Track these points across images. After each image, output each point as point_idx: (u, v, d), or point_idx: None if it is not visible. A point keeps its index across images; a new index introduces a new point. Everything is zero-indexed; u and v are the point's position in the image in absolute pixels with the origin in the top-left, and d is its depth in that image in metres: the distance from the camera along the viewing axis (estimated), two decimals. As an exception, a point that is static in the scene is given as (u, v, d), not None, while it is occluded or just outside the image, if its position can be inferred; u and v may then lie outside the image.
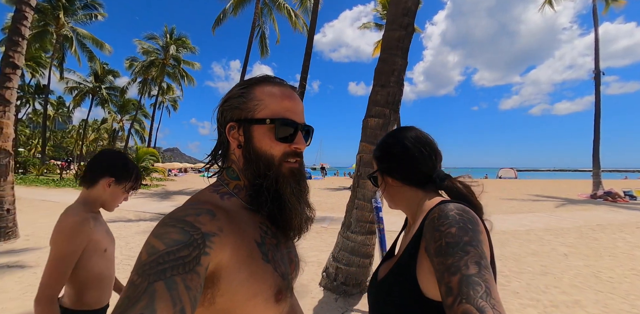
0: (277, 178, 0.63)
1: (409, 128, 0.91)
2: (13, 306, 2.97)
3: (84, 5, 22.04)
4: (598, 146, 15.66)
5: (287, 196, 0.63)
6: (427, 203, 0.77)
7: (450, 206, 0.66)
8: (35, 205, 9.29)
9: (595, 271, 4.26)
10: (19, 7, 5.36)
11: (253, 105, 0.64)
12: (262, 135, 0.63)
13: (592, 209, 10.43)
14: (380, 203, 3.43)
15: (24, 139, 44.47)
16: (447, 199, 0.75)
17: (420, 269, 0.66)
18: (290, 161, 0.65)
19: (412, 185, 0.84)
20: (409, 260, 0.70)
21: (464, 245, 0.57)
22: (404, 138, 0.86)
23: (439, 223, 0.63)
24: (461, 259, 0.55)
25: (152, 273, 0.43)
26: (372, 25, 22.02)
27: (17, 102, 9.78)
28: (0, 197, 5.17)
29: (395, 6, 3.49)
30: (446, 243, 0.58)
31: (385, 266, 0.88)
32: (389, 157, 0.87)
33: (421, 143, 0.85)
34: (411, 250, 0.70)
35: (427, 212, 0.71)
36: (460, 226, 0.60)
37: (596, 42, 16.21)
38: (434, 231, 0.62)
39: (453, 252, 0.56)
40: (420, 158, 0.82)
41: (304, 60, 11.24)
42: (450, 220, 0.62)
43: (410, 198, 0.84)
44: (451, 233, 0.59)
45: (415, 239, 0.70)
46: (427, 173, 0.83)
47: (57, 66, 24.51)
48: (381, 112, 3.44)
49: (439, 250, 0.58)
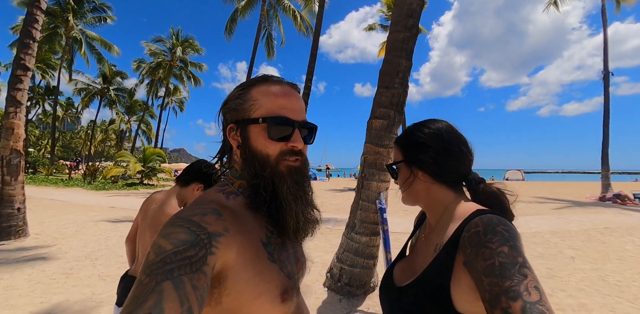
0: (273, 177, 0.62)
1: (443, 121, 0.83)
2: (22, 303, 3.03)
3: (93, 8, 22.36)
4: (607, 147, 15.42)
5: (284, 195, 0.62)
6: (460, 208, 0.72)
7: (494, 220, 0.62)
8: (45, 204, 9.44)
9: (602, 274, 4.20)
10: (30, 10, 5.46)
11: (249, 105, 0.65)
12: (257, 135, 0.63)
13: (600, 212, 10.27)
14: (384, 204, 3.43)
15: (34, 139, 45.21)
16: (483, 208, 0.69)
17: (456, 284, 0.62)
18: (289, 159, 0.64)
19: (443, 183, 0.78)
20: (441, 270, 0.65)
21: (520, 267, 0.54)
22: (443, 131, 0.79)
23: (487, 239, 0.58)
24: (520, 283, 0.51)
25: (160, 273, 0.44)
26: (377, 27, 22.02)
27: (27, 103, 10.00)
28: (11, 196, 5.27)
29: (399, 8, 3.50)
30: (500, 264, 0.54)
31: (400, 268, 0.84)
32: (425, 148, 0.78)
33: (459, 140, 0.79)
34: (444, 261, 0.66)
35: (462, 220, 0.67)
36: (511, 244, 0.57)
37: (605, 42, 15.99)
38: (481, 247, 0.58)
39: (510, 274, 0.53)
40: (459, 156, 0.77)
41: (309, 61, 11.27)
42: (499, 237, 0.58)
43: (438, 197, 0.78)
44: (504, 253, 0.56)
45: (448, 249, 0.66)
46: (462, 173, 0.77)
47: (67, 68, 24.95)
48: (386, 113, 3.44)
49: (491, 270, 0.54)
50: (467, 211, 0.69)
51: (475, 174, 0.78)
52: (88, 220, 7.25)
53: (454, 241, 0.65)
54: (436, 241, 0.72)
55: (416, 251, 0.84)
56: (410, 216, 8.21)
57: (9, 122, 5.22)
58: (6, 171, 5.24)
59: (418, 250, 0.83)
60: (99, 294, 3.28)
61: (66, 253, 4.66)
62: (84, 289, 3.39)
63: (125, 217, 7.72)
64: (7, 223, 5.18)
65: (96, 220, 7.21)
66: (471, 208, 0.69)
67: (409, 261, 0.83)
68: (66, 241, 5.35)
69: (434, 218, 0.79)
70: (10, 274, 3.74)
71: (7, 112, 5.24)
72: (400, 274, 0.81)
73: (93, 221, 7.13)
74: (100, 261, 4.36)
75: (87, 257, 4.51)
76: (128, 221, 7.25)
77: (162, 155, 18.11)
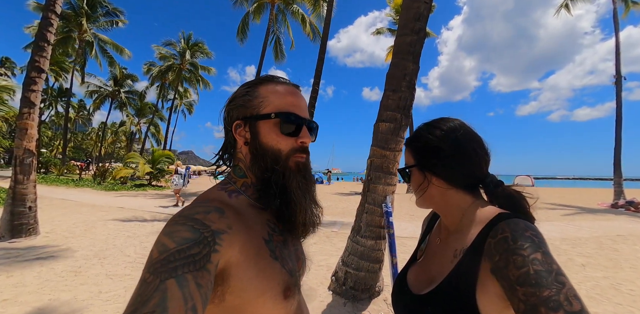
0: (284, 172, 0.64)
1: (455, 119, 0.78)
2: (32, 300, 3.08)
3: (106, 12, 22.86)
4: (619, 153, 15.12)
5: (293, 190, 0.64)
6: (480, 212, 0.69)
7: (521, 225, 0.59)
8: (55, 203, 9.60)
9: (614, 283, 4.10)
10: (45, 15, 5.62)
11: (258, 102, 0.66)
12: (268, 130, 0.65)
13: (612, 219, 10.04)
14: (390, 208, 3.41)
15: (47, 140, 46.14)
16: (504, 211, 0.66)
17: (483, 292, 0.59)
18: (298, 156, 0.66)
19: (460, 187, 0.73)
20: (465, 277, 0.62)
21: (557, 275, 0.51)
22: (455, 132, 0.74)
23: (517, 246, 0.55)
24: (559, 292, 0.49)
25: (164, 271, 0.44)
26: (385, 31, 22.05)
27: (41, 105, 10.20)
28: (23, 195, 5.38)
29: (407, 11, 3.50)
30: (535, 272, 0.51)
31: (415, 273, 0.80)
32: (437, 152, 0.74)
33: (475, 141, 0.74)
34: (468, 267, 0.62)
35: (484, 225, 0.64)
36: (543, 251, 0.54)
37: (617, 46, 15.76)
38: (511, 254, 0.55)
39: (548, 283, 0.50)
40: (475, 159, 0.72)
41: (317, 65, 11.33)
42: (529, 243, 0.55)
43: (455, 202, 0.74)
44: (538, 260, 0.52)
45: (471, 255, 0.63)
46: (479, 177, 0.73)
47: (79, 70, 25.53)
48: (392, 117, 3.43)
49: (526, 279, 0.51)
50: (488, 215, 0.66)
51: (493, 177, 0.73)
52: (97, 219, 7.36)
53: (477, 247, 0.62)
54: (455, 246, 0.69)
55: (431, 256, 0.80)
56: (417, 221, 8.14)
57: (22, 122, 5.35)
58: (19, 170, 5.36)
59: (433, 254, 0.79)
60: (105, 293, 3.32)
61: (75, 252, 4.72)
62: (92, 288, 3.43)
63: (133, 217, 7.81)
64: (19, 221, 5.29)
65: (105, 220, 7.31)
66: (492, 212, 0.66)
67: (423, 266, 0.80)
68: (75, 240, 5.43)
69: (452, 222, 0.75)
70: (21, 272, 3.81)
71: (21, 112, 5.37)
72: (415, 281, 0.77)
73: (102, 220, 7.23)
74: (108, 260, 4.41)
75: (96, 256, 4.57)
76: (136, 221, 7.34)
77: (171, 156, 18.32)
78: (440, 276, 0.68)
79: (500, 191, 0.71)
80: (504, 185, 0.72)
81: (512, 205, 0.69)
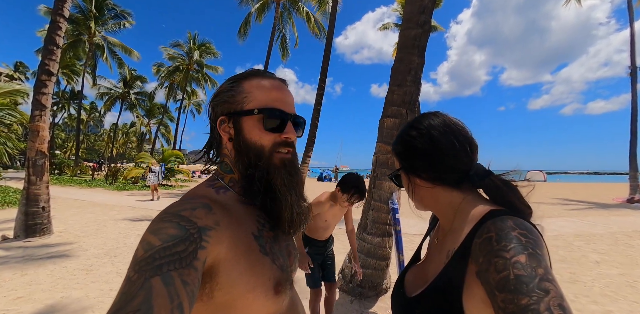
0: (268, 168, 0.63)
1: (433, 113, 0.75)
2: (44, 298, 3.15)
3: (114, 15, 23.19)
4: (635, 147, 14.66)
5: (278, 186, 0.63)
6: (473, 209, 0.64)
7: (509, 223, 0.54)
8: (69, 203, 9.81)
9: (630, 280, 3.98)
10: (53, 18, 5.71)
11: (242, 97, 0.65)
12: (251, 126, 0.64)
13: (628, 214, 9.76)
14: (396, 204, 3.37)
15: (60, 142, 47.28)
16: (498, 208, 0.61)
17: (470, 296, 0.54)
18: (281, 151, 0.65)
19: (445, 185, 0.69)
20: (452, 281, 0.58)
21: (541, 281, 0.45)
22: (430, 128, 0.70)
23: (500, 246, 0.50)
24: (541, 301, 0.43)
25: (149, 269, 0.43)
26: (392, 26, 21.84)
27: (53, 108, 10.36)
28: (37, 195, 5.51)
29: (411, 4, 3.44)
30: (516, 277, 0.46)
31: (413, 275, 0.78)
32: (413, 152, 0.71)
33: (452, 133, 0.69)
34: (455, 270, 0.58)
35: (474, 223, 0.59)
36: (530, 253, 0.49)
37: (632, 36, 15.27)
38: (493, 256, 0.50)
39: (528, 290, 0.44)
40: (452, 152, 0.67)
41: (323, 62, 11.30)
42: (514, 243, 0.50)
43: (444, 201, 0.70)
44: (520, 263, 0.47)
45: (458, 258, 0.59)
46: (463, 170, 0.67)
47: (90, 73, 25.99)
48: (397, 112, 3.39)
49: (506, 284, 0.46)
50: (480, 212, 0.61)
51: (478, 167, 0.67)
52: (108, 218, 7.49)
53: (465, 248, 0.58)
54: (449, 247, 0.65)
55: (429, 257, 0.78)
56: (424, 217, 8.05)
57: (34, 124, 5.47)
58: (32, 171, 5.49)
59: (431, 255, 0.76)
60: (116, 291, 3.35)
61: (87, 251, 4.82)
62: (102, 285, 3.49)
63: (143, 216, 7.93)
64: (33, 221, 5.42)
65: (116, 219, 7.44)
66: (485, 209, 0.61)
67: (422, 267, 0.77)
68: (87, 238, 5.54)
69: (446, 221, 0.72)
70: (35, 270, 3.90)
71: (33, 115, 5.49)
72: (411, 282, 0.75)
73: (113, 220, 7.36)
74: (119, 258, 4.49)
75: (107, 254, 4.65)
76: (146, 220, 7.45)
77: (181, 156, 18.53)
78: (432, 279, 0.65)
79: (488, 183, 0.65)
80: (493, 175, 0.65)
81: (501, 198, 0.63)
